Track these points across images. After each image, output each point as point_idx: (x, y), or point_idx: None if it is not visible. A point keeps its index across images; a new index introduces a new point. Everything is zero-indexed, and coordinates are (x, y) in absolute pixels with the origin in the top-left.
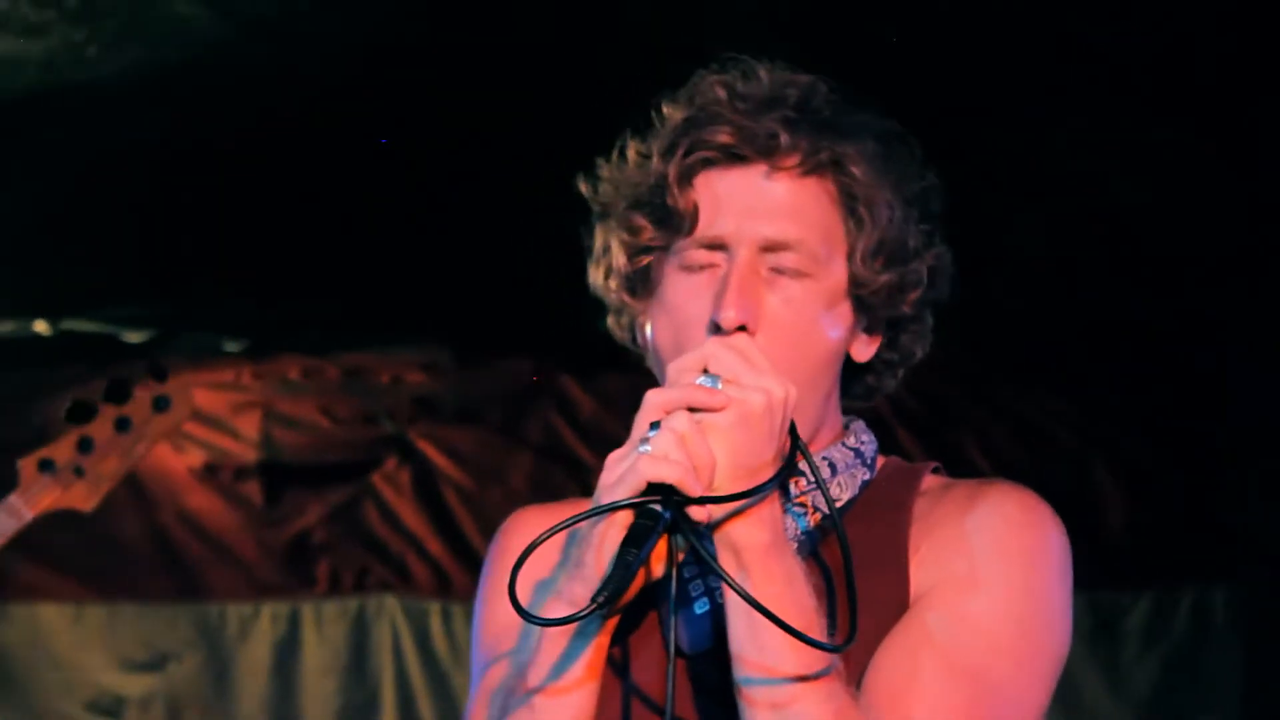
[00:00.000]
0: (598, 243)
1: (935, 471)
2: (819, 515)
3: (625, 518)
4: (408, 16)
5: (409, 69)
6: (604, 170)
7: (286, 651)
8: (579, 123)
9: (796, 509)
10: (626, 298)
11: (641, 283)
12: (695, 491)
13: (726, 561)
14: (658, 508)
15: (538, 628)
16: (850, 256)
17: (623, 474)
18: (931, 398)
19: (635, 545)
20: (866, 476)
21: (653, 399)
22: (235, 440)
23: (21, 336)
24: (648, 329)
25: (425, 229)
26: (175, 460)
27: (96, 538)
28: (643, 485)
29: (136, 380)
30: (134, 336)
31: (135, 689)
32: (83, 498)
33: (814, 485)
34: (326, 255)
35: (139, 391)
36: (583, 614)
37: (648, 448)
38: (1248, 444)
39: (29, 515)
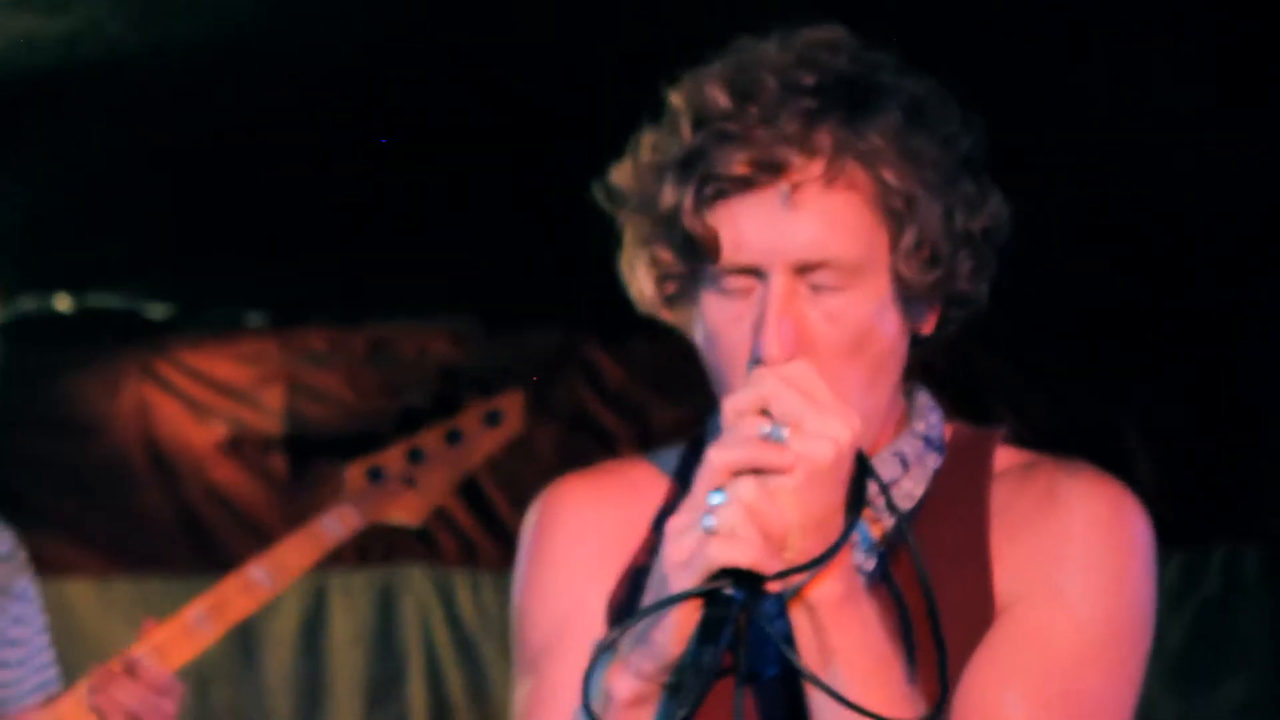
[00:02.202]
0: (624, 248)
1: (1005, 440)
2: (888, 522)
3: (697, 602)
4: None
5: (434, 35)
6: (619, 174)
7: (314, 623)
8: (607, 89)
9: (865, 517)
10: (664, 314)
11: (677, 299)
12: (771, 568)
13: (799, 620)
14: (729, 591)
15: (605, 642)
16: (893, 255)
17: (690, 558)
18: (961, 360)
19: (711, 640)
20: (937, 463)
21: (715, 460)
22: (259, 413)
23: (44, 312)
24: (697, 337)
25: (451, 198)
26: (199, 434)
27: (122, 512)
28: (714, 570)
29: (467, 393)
30: (157, 311)
31: None
32: (411, 510)
33: (883, 494)
34: (351, 226)
35: (471, 405)
36: None
37: (713, 522)
38: (1278, 403)
39: (358, 525)
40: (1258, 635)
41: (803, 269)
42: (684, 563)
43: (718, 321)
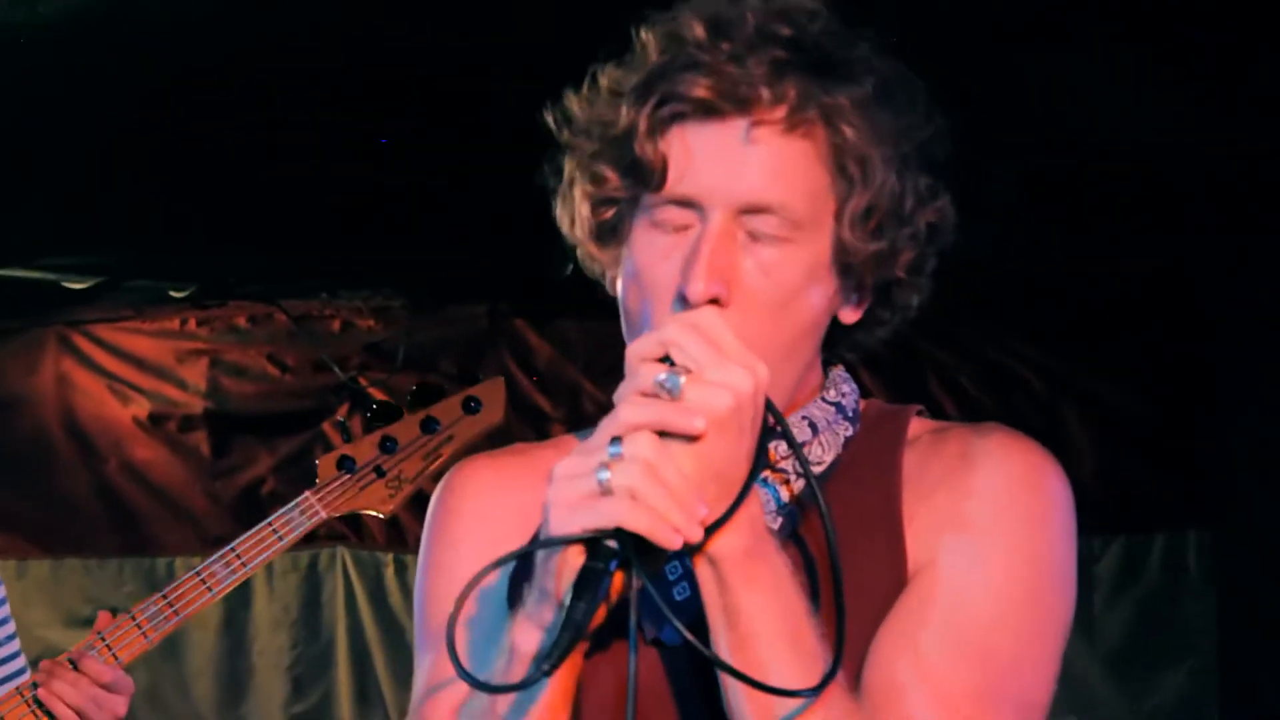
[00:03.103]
0: (565, 180)
1: (920, 414)
2: (798, 484)
3: (581, 545)
4: None
5: (358, 9)
6: (573, 103)
7: (237, 605)
8: (534, 61)
9: (774, 478)
10: (593, 248)
11: (609, 232)
12: (670, 540)
13: (704, 574)
14: (612, 544)
15: (468, 585)
16: (838, 219)
17: (585, 502)
18: (897, 341)
19: (587, 593)
20: (849, 432)
21: (621, 415)
22: (181, 390)
23: None
24: (618, 285)
25: (375, 172)
26: (119, 410)
27: (39, 492)
28: (608, 526)
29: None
30: (77, 284)
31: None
32: (380, 500)
33: (792, 452)
34: (274, 199)
35: (450, 392)
36: (530, 681)
37: (608, 476)
38: (1219, 388)
39: (324, 514)
40: (1199, 623)
41: (746, 210)
42: (570, 508)
43: (647, 255)
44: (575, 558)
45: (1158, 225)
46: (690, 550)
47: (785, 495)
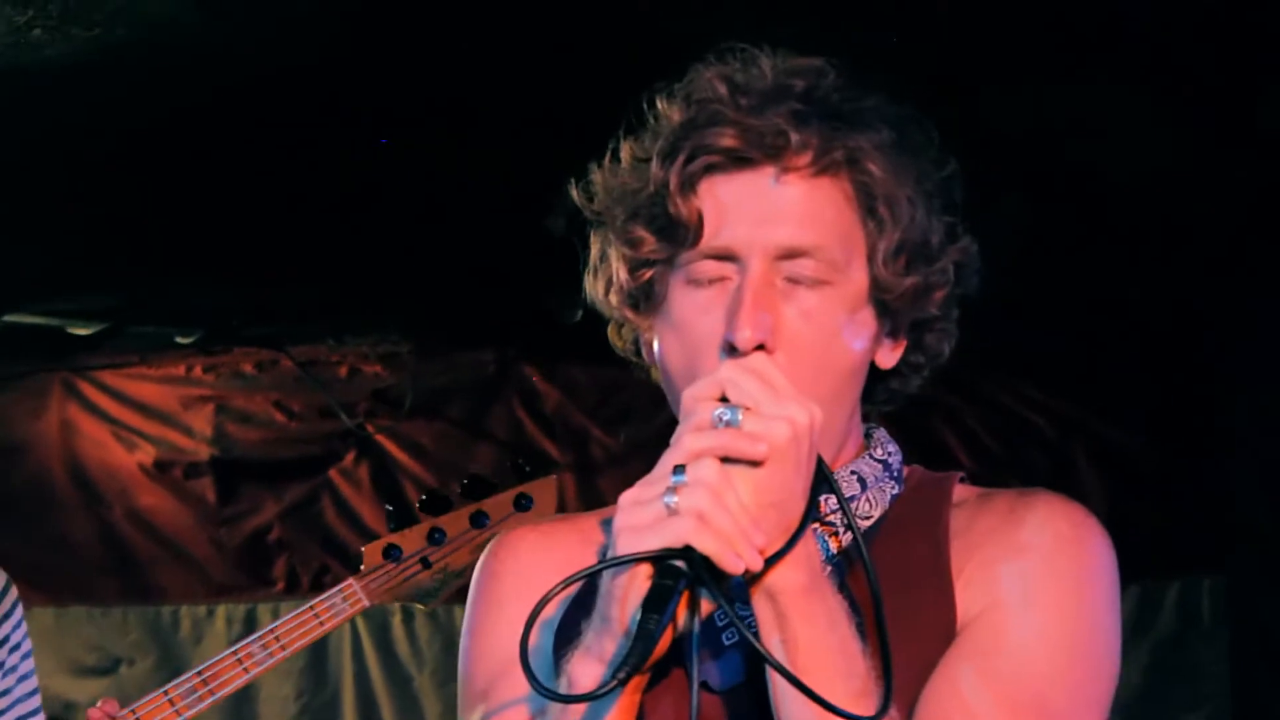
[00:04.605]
0: (594, 252)
1: (962, 480)
2: (846, 537)
3: (648, 569)
4: None
5: (368, 54)
6: (597, 175)
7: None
8: (546, 113)
9: (823, 530)
10: (629, 313)
11: (645, 297)
12: (735, 563)
13: (762, 607)
14: (680, 564)
15: (541, 601)
16: (870, 259)
17: (653, 525)
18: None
19: (656, 609)
20: (895, 490)
21: (685, 442)
22: (187, 436)
23: None
24: (655, 346)
25: (383, 218)
26: (125, 457)
27: (43, 538)
28: (677, 545)
29: (499, 477)
30: (82, 329)
31: (85, 693)
32: (424, 592)
33: (840, 506)
34: (281, 245)
35: (502, 491)
36: (603, 692)
37: (675, 500)
38: (1233, 434)
39: (367, 602)
40: (1214, 669)
41: (783, 256)
42: (638, 531)
43: (687, 311)
44: (643, 580)
45: (1168, 268)
46: (748, 582)
47: (834, 547)
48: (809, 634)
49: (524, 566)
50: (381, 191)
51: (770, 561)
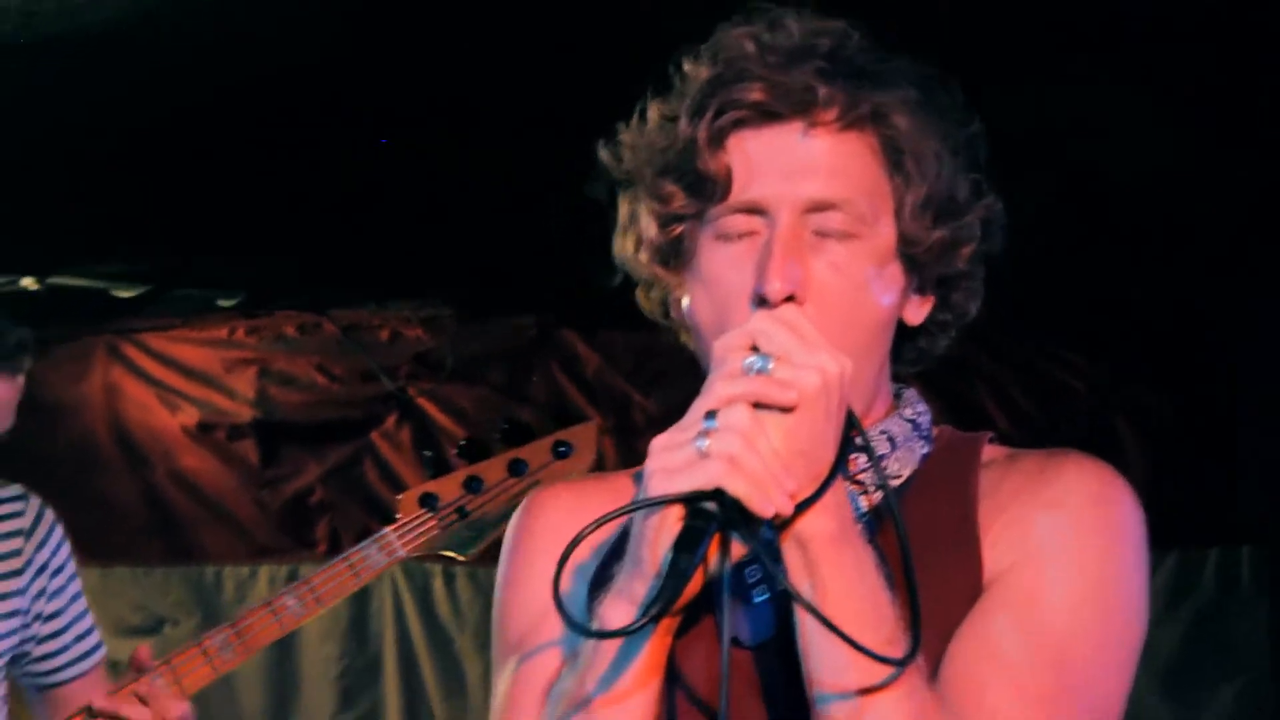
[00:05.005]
0: (623, 212)
1: (992, 441)
2: (876, 496)
3: (679, 513)
4: None
5: (407, 18)
6: (626, 136)
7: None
8: (583, 75)
9: (854, 488)
10: (659, 270)
11: (674, 254)
12: (765, 506)
13: (792, 555)
14: (712, 506)
15: (571, 544)
16: (898, 214)
17: (684, 468)
18: (948, 353)
19: (688, 549)
20: (925, 449)
21: (719, 390)
22: (230, 398)
23: (10, 293)
24: (684, 303)
25: (424, 182)
26: (168, 419)
27: (88, 499)
28: (708, 488)
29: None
30: (125, 292)
31: (130, 652)
32: (462, 542)
33: (871, 464)
34: (324, 210)
35: (541, 436)
36: (635, 627)
37: (707, 443)
38: (1272, 401)
39: (403, 553)
40: (1252, 638)
41: (811, 209)
42: (669, 474)
43: (717, 265)
44: (674, 522)
45: (1217, 235)
46: (778, 529)
47: (865, 505)
48: (838, 581)
49: (557, 523)
50: (425, 155)
51: (800, 508)
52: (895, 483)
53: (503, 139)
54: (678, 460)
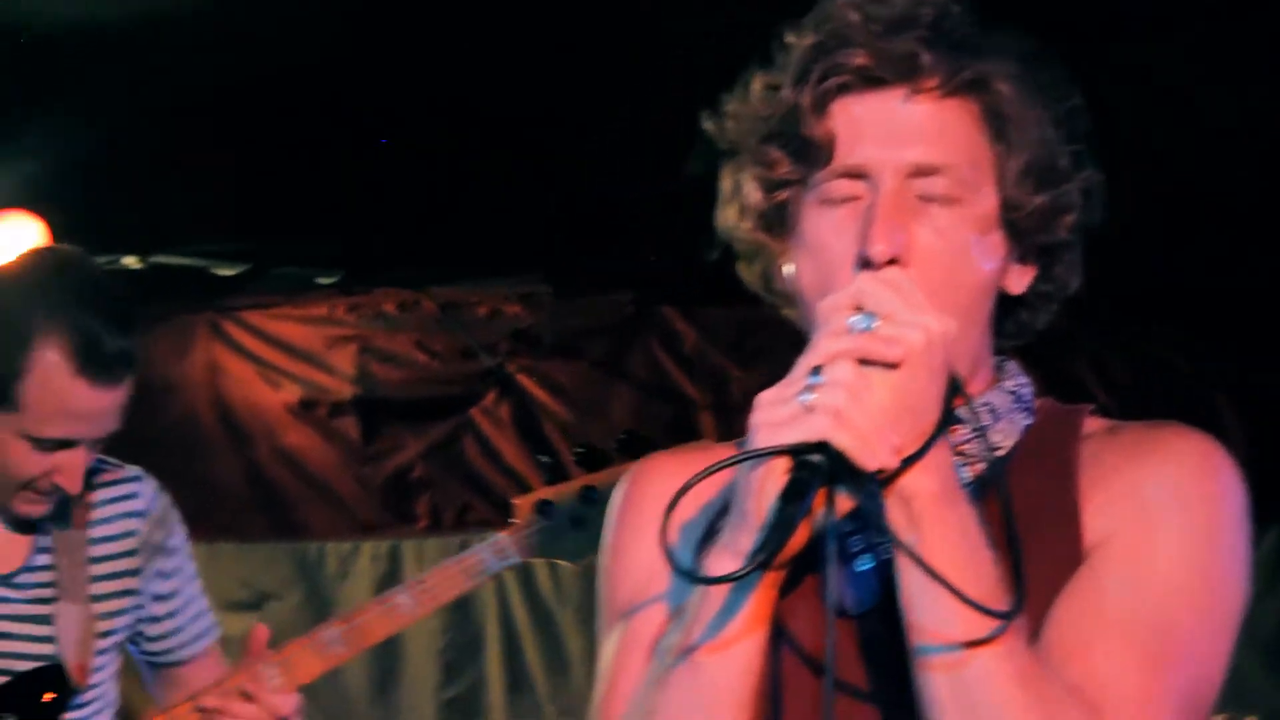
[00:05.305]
0: (726, 184)
1: (1094, 413)
2: (980, 466)
3: (785, 465)
4: None
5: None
6: (730, 106)
7: (388, 590)
8: (682, 50)
9: (957, 459)
10: (762, 237)
11: (778, 220)
12: (870, 459)
13: (896, 512)
14: (817, 459)
15: (683, 488)
16: (1000, 180)
17: (789, 420)
18: (1050, 330)
19: (794, 500)
20: (1027, 421)
21: (824, 346)
22: (331, 376)
23: (112, 272)
24: (787, 270)
25: (522, 158)
26: (270, 397)
27: (192, 477)
28: (814, 440)
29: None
30: (226, 270)
31: (235, 628)
32: (574, 550)
33: (974, 434)
34: (422, 186)
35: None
36: (741, 574)
37: (812, 397)
38: None
39: (517, 558)
40: None
41: (915, 174)
42: (775, 427)
43: (821, 231)
44: (779, 474)
45: None
46: (883, 484)
47: (969, 475)
48: (941, 539)
49: (662, 492)
50: (522, 132)
51: (905, 464)
52: (997, 454)
53: (603, 113)
54: (783, 414)
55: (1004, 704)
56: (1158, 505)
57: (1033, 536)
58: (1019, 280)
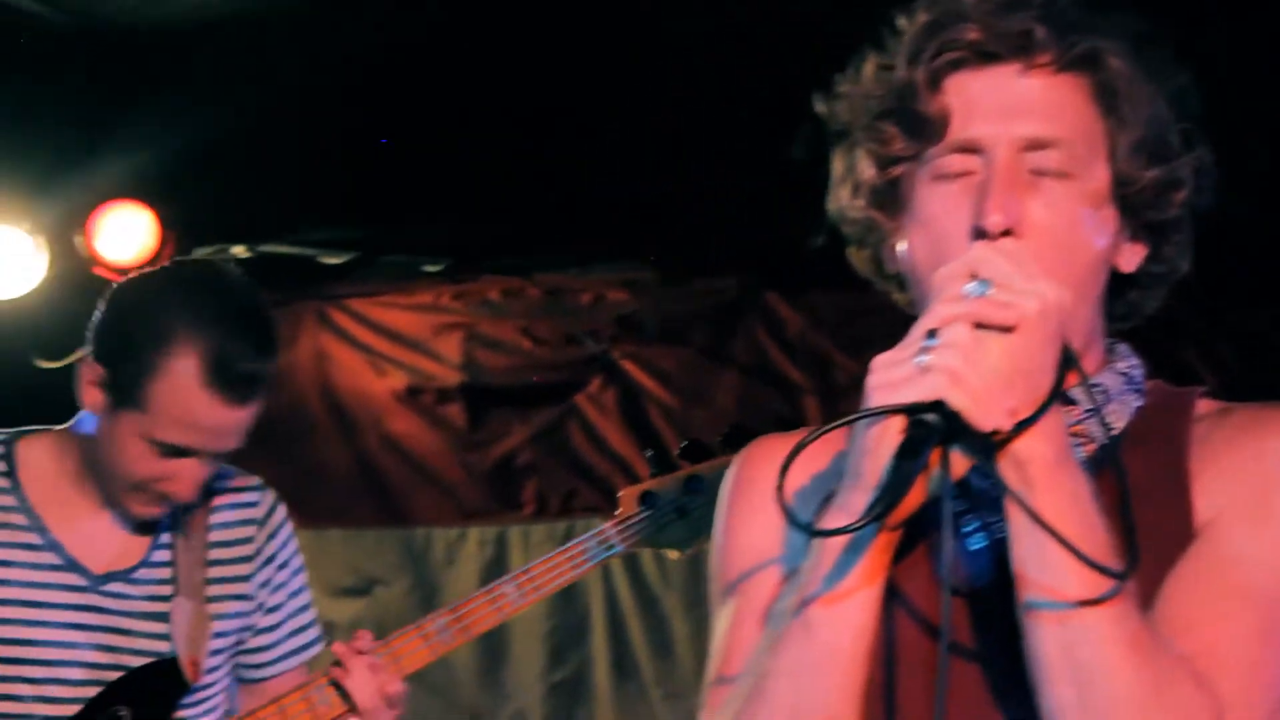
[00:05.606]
0: (838, 167)
1: (1205, 395)
2: (1094, 446)
3: (900, 424)
4: None
5: None
6: (843, 88)
7: (494, 575)
8: (786, 38)
9: (1071, 439)
10: (876, 214)
11: (891, 197)
12: (985, 419)
13: (1009, 476)
14: (932, 418)
15: (815, 542)
16: (1112, 156)
17: (905, 381)
18: (1157, 313)
19: (909, 457)
20: (1138, 403)
21: (939, 310)
22: (437, 363)
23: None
24: (900, 248)
25: (627, 145)
26: (377, 384)
27: (300, 463)
28: (929, 399)
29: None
30: (333, 259)
31: (343, 614)
32: (679, 540)
33: (1087, 415)
34: (525, 174)
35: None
36: (857, 525)
37: (927, 359)
38: None
39: (622, 549)
40: None
41: (1028, 147)
42: (890, 387)
43: (934, 206)
44: (894, 434)
45: None
46: (996, 446)
47: (1082, 454)
48: (1054, 504)
49: (774, 473)
50: (625, 119)
51: (1019, 428)
52: (1111, 434)
53: (704, 99)
54: (899, 374)
55: (1114, 668)
56: (1269, 483)
57: (1144, 514)
58: (1130, 258)
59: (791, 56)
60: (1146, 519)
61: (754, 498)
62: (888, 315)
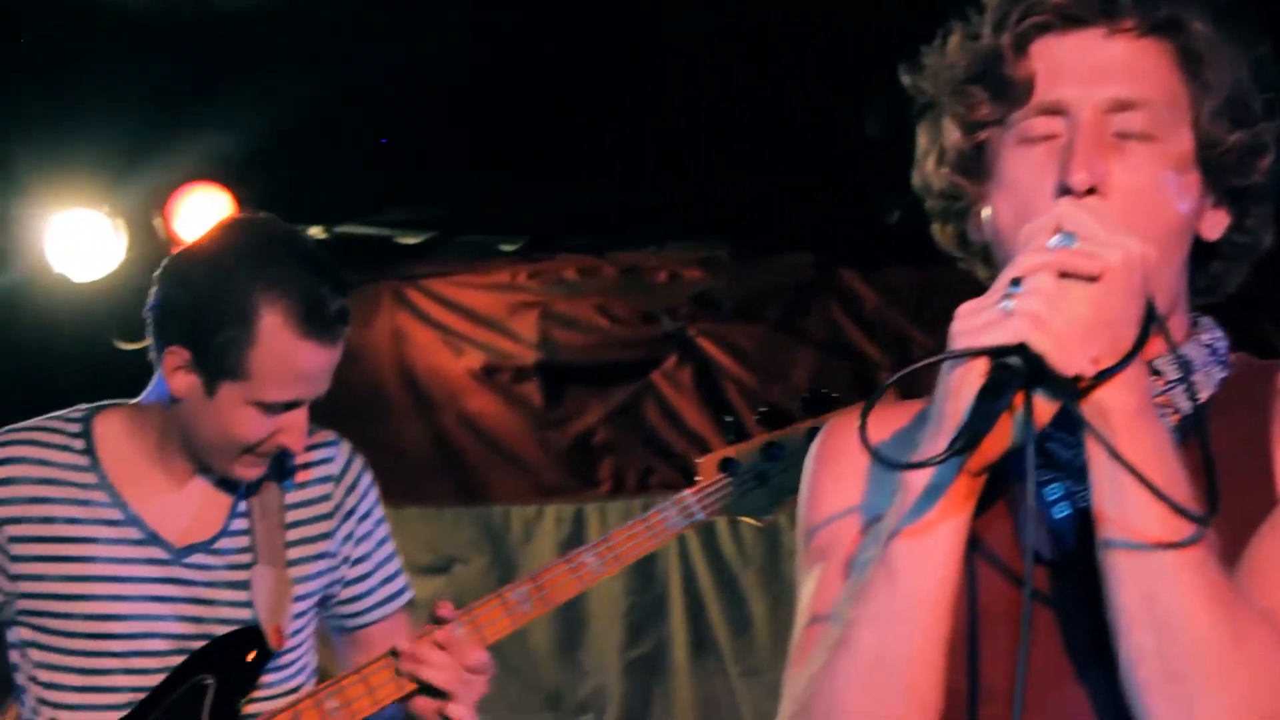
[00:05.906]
0: (923, 140)
1: None
2: (1178, 416)
3: (983, 367)
4: None
5: None
6: (929, 59)
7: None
8: (861, 14)
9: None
10: (961, 180)
11: (976, 163)
12: (1068, 363)
13: (1092, 425)
14: (1015, 361)
15: (899, 486)
16: (1195, 121)
17: (988, 325)
18: (1238, 289)
19: (993, 398)
20: (1222, 374)
21: (1024, 260)
22: (513, 341)
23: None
24: (984, 214)
25: (700, 122)
26: (454, 363)
27: (378, 442)
28: (1013, 342)
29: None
30: (409, 239)
31: (422, 592)
32: (760, 508)
33: (1171, 385)
34: (601, 153)
35: (843, 405)
36: (941, 458)
37: (1011, 304)
38: None
39: (702, 516)
40: None
41: (1112, 109)
42: (974, 331)
43: (1019, 169)
44: (978, 376)
45: None
46: (1080, 395)
47: (1168, 424)
48: (1136, 454)
49: (859, 443)
50: (701, 97)
51: (1102, 377)
52: (1197, 403)
53: (779, 77)
54: (983, 319)
55: (1192, 616)
56: None
57: (1227, 482)
58: (1214, 226)
59: (870, 36)
60: (1229, 487)
61: (837, 466)
62: (964, 291)
